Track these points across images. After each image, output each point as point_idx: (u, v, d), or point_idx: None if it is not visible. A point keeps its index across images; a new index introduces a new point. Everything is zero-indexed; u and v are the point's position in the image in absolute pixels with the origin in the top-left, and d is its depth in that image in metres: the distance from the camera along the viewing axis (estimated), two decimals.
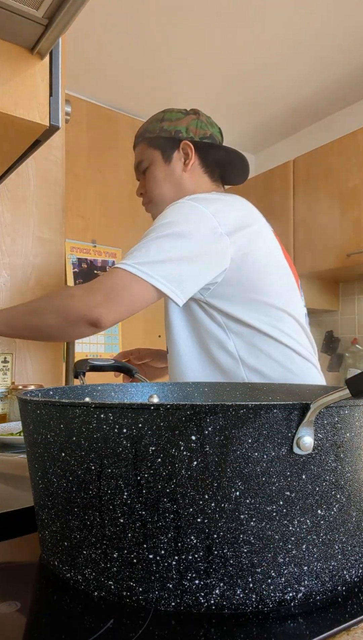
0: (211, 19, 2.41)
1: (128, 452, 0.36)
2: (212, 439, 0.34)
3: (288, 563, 0.36)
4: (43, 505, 0.43)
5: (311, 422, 0.35)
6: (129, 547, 0.36)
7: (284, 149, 3.61)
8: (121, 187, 3.12)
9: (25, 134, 0.91)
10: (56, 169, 1.50)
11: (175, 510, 0.35)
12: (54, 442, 0.40)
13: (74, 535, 0.39)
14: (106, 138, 3.07)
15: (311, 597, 0.37)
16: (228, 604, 0.35)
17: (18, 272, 1.43)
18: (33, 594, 0.39)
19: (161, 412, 0.35)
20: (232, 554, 0.35)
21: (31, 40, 0.81)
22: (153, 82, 2.95)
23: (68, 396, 0.61)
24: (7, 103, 0.82)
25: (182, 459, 0.35)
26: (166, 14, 2.38)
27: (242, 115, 3.31)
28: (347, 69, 2.78)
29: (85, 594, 0.38)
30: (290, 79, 2.80)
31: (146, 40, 2.57)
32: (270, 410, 0.34)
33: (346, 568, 0.39)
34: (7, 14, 0.74)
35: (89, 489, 0.38)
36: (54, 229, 1.50)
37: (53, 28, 0.77)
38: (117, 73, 2.86)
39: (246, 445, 0.34)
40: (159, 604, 0.36)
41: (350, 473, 0.38)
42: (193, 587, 0.35)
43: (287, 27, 2.46)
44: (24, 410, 0.44)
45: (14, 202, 1.43)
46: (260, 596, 0.36)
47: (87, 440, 0.37)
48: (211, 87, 2.94)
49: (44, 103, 0.86)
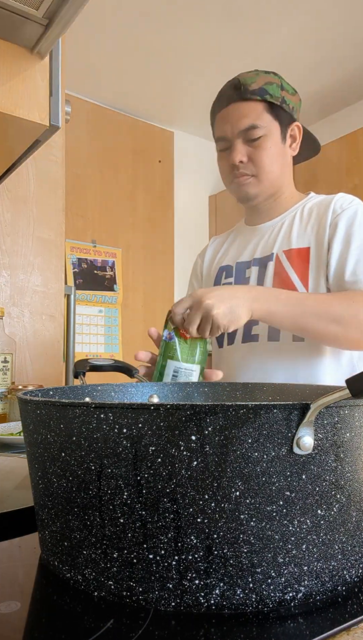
0: (211, 19, 2.41)
1: (128, 452, 0.36)
2: (212, 439, 0.34)
3: (288, 563, 0.36)
4: (43, 505, 0.43)
5: (311, 422, 0.35)
6: (129, 547, 0.36)
7: None
8: (121, 187, 3.12)
9: (25, 134, 0.91)
10: (56, 169, 1.50)
11: (175, 510, 0.35)
12: (54, 442, 0.40)
13: (74, 535, 0.39)
14: (106, 138, 3.07)
15: (311, 597, 0.37)
16: (228, 604, 0.35)
17: (18, 272, 1.43)
18: (33, 594, 0.39)
19: (161, 412, 0.35)
20: (232, 554, 0.35)
21: (31, 40, 0.81)
22: (153, 82, 2.94)
23: (68, 396, 0.61)
24: (7, 103, 0.82)
25: (182, 459, 0.35)
26: (167, 14, 2.38)
27: None
28: (347, 69, 2.78)
29: (85, 594, 0.38)
30: (290, 79, 2.79)
31: (146, 40, 2.57)
32: (270, 410, 0.34)
33: (346, 568, 0.39)
34: (7, 14, 0.74)
35: (89, 489, 0.38)
36: (54, 229, 1.50)
37: (53, 28, 0.77)
38: (117, 73, 2.86)
39: (246, 445, 0.34)
40: (159, 604, 0.36)
41: (350, 473, 0.38)
42: (193, 587, 0.35)
43: (288, 27, 2.46)
44: (24, 410, 0.44)
45: (14, 202, 1.43)
46: (260, 596, 0.36)
47: (87, 440, 0.37)
48: (212, 87, 2.94)
49: (44, 103, 0.86)
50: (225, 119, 1.08)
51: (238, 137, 1.05)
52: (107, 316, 3.01)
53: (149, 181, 3.24)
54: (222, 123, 1.08)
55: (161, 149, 3.31)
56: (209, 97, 1.19)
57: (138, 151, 3.20)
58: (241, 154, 1.06)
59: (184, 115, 3.32)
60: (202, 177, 3.65)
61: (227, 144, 1.08)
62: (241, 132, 1.05)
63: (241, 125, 1.04)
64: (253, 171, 1.07)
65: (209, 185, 3.70)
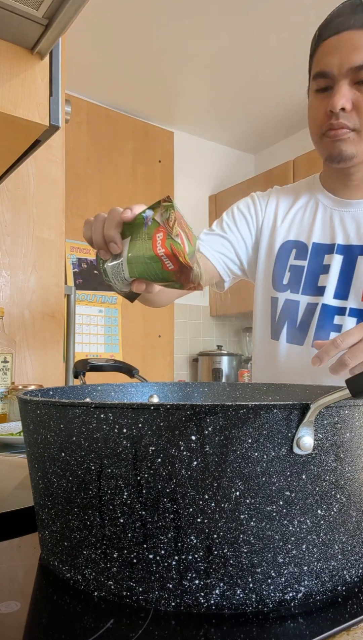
0: (212, 19, 2.41)
1: (128, 452, 0.36)
2: (212, 439, 0.34)
3: (288, 563, 0.36)
4: (43, 505, 0.43)
5: (311, 422, 0.35)
6: (129, 547, 0.36)
7: (284, 149, 3.61)
8: (121, 187, 3.12)
9: (25, 134, 0.91)
10: (56, 169, 1.50)
11: (175, 510, 0.35)
12: (54, 442, 0.40)
13: (74, 535, 0.39)
14: (106, 138, 3.07)
15: (311, 597, 0.37)
16: (228, 604, 0.35)
17: (18, 272, 1.43)
18: (33, 594, 0.39)
19: (161, 412, 0.35)
20: (232, 554, 0.35)
21: (31, 40, 0.81)
22: (153, 82, 2.95)
23: (68, 396, 0.61)
24: (7, 103, 0.82)
25: (182, 459, 0.35)
26: (167, 14, 2.38)
27: (243, 116, 3.31)
28: None
29: (85, 594, 0.38)
30: (290, 79, 2.80)
31: (146, 40, 2.57)
32: (270, 410, 0.34)
33: (346, 568, 0.39)
34: (7, 14, 0.74)
35: (89, 489, 0.38)
36: (54, 229, 1.50)
37: (53, 28, 0.77)
38: (117, 73, 2.86)
39: (246, 445, 0.34)
40: (159, 604, 0.36)
41: (350, 473, 0.38)
42: (193, 587, 0.35)
43: (288, 28, 2.46)
44: (24, 410, 0.44)
45: (14, 202, 1.43)
46: (260, 596, 0.36)
47: (87, 440, 0.37)
48: (212, 88, 2.94)
49: (44, 103, 0.86)
50: (333, 50, 0.82)
51: (346, 77, 0.81)
52: (107, 316, 3.01)
53: (149, 181, 3.24)
54: (327, 54, 0.83)
55: (161, 149, 3.31)
56: (210, 97, 1.18)
57: (138, 151, 3.20)
58: (345, 99, 0.81)
59: (184, 115, 3.32)
60: (202, 177, 3.65)
61: (328, 82, 0.84)
62: (351, 70, 0.81)
63: (355, 61, 0.80)
64: (355, 124, 0.83)
65: (210, 185, 3.70)
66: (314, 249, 0.95)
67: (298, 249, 0.97)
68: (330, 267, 0.92)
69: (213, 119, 3.38)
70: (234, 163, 3.84)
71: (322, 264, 0.93)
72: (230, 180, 3.68)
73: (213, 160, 3.74)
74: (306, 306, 0.94)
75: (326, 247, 0.94)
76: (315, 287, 0.94)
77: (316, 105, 0.87)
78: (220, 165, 3.77)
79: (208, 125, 3.48)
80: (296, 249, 0.97)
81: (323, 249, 0.94)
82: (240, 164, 3.86)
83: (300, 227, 0.98)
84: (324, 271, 0.93)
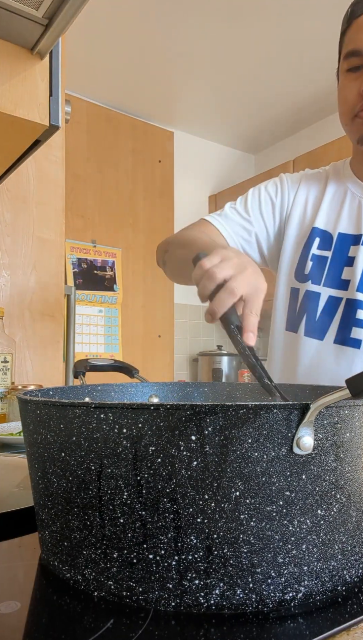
0: (212, 19, 2.41)
1: (128, 452, 0.36)
2: (212, 439, 0.34)
3: (288, 563, 0.36)
4: (43, 505, 0.43)
5: (311, 422, 0.35)
6: (129, 547, 0.36)
7: (284, 149, 3.61)
8: (121, 187, 3.12)
9: (25, 134, 0.91)
10: (56, 169, 1.50)
11: (175, 510, 0.35)
12: (54, 442, 0.40)
13: (74, 535, 0.39)
14: (106, 138, 3.07)
15: (311, 597, 0.37)
16: (228, 604, 0.35)
17: (18, 272, 1.43)
18: (33, 594, 0.39)
19: (161, 412, 0.35)
20: (232, 554, 0.35)
21: (31, 40, 0.81)
22: (153, 82, 2.95)
23: (68, 396, 0.61)
24: (7, 103, 0.82)
25: (182, 459, 0.35)
26: (167, 14, 2.38)
27: (243, 116, 3.31)
28: None
29: (85, 594, 0.38)
30: (290, 80, 2.80)
31: (146, 40, 2.57)
32: (270, 410, 0.34)
33: (346, 568, 0.39)
34: (7, 14, 0.74)
35: (89, 489, 0.38)
36: (54, 229, 1.50)
37: (53, 28, 0.77)
38: (117, 73, 2.86)
39: (246, 445, 0.34)
40: (159, 604, 0.36)
41: (350, 473, 0.38)
42: (193, 587, 0.35)
43: (288, 28, 2.46)
44: (24, 410, 0.44)
45: (14, 202, 1.43)
46: (260, 596, 0.36)
47: (87, 440, 0.37)
48: (212, 88, 2.94)
49: (44, 103, 0.86)
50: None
51: None
52: (107, 316, 3.01)
53: (149, 181, 3.24)
54: (360, 31, 0.79)
55: (161, 149, 3.31)
56: (210, 97, 1.18)
57: (138, 151, 3.20)
58: None
59: (184, 115, 3.32)
60: (202, 177, 3.65)
61: (361, 60, 0.80)
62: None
63: None
64: None
65: (210, 185, 3.70)
66: (339, 239, 0.90)
67: (323, 239, 0.92)
68: (355, 259, 0.87)
69: (213, 119, 3.38)
70: (234, 163, 3.84)
71: (347, 256, 0.89)
72: (230, 180, 3.68)
73: (213, 160, 3.74)
74: (328, 299, 0.89)
75: (352, 238, 0.90)
76: (339, 280, 0.89)
77: (347, 85, 0.83)
78: (220, 165, 3.77)
79: (208, 126, 3.48)
80: (320, 239, 0.93)
81: (348, 240, 0.90)
82: (240, 164, 3.86)
83: (327, 215, 0.94)
84: (348, 263, 0.88)
